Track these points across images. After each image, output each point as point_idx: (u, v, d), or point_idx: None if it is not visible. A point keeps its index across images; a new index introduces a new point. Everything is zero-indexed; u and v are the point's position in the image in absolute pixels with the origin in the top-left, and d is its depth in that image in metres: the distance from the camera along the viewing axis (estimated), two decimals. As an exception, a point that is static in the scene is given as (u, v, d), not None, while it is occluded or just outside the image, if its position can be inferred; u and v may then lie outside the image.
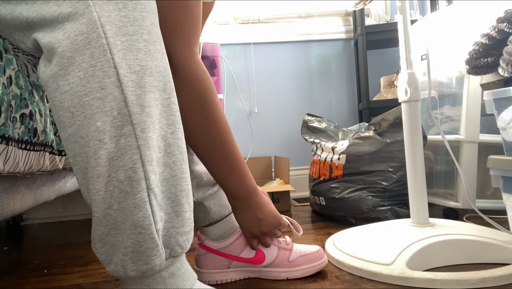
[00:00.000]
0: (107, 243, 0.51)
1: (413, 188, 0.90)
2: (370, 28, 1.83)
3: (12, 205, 0.66)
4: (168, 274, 0.54)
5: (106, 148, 0.48)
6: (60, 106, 0.49)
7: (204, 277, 0.79)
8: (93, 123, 0.47)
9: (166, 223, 0.53)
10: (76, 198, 1.70)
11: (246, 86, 1.96)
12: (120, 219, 0.50)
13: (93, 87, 0.47)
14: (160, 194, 0.51)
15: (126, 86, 0.48)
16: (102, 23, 0.47)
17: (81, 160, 0.49)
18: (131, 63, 0.48)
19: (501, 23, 0.81)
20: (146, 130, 0.49)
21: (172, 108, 0.53)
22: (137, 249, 0.50)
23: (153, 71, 0.51)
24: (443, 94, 1.29)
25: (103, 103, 0.47)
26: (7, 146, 0.56)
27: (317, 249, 0.82)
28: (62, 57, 0.47)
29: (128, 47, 0.48)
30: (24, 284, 0.88)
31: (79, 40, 0.46)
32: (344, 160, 1.27)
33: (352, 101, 2.04)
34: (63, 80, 0.48)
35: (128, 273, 0.51)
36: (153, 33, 0.51)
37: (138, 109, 0.49)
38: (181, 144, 0.54)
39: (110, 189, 0.49)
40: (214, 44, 1.60)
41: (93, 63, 0.47)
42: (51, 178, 0.87)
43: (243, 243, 0.79)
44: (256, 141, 1.96)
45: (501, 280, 0.70)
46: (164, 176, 0.52)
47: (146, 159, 0.49)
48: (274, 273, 0.79)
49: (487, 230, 0.86)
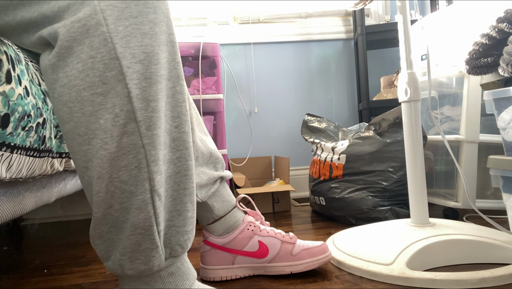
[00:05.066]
0: (107, 240, 0.50)
1: (413, 188, 0.90)
2: (370, 28, 1.83)
3: (12, 208, 0.66)
4: (167, 273, 0.53)
5: (107, 148, 0.45)
6: (59, 100, 0.46)
7: (209, 274, 0.80)
8: (94, 120, 0.44)
9: (168, 222, 0.51)
10: (76, 198, 1.70)
11: (246, 86, 1.96)
12: (122, 218, 0.48)
13: (93, 82, 0.44)
14: (164, 192, 0.49)
15: (130, 79, 0.44)
16: (102, 8, 0.43)
17: (79, 157, 0.47)
18: (135, 52, 0.44)
19: (501, 23, 0.81)
20: (151, 127, 0.46)
21: (178, 99, 0.49)
22: (136, 248, 0.49)
23: (160, 58, 0.46)
24: (443, 94, 1.29)
25: (105, 99, 0.44)
26: (11, 154, 0.56)
27: (321, 243, 0.82)
28: (60, 47, 0.44)
29: (132, 32, 0.44)
30: (24, 284, 0.88)
31: (76, 27, 0.43)
32: (344, 160, 1.27)
33: (352, 101, 2.04)
34: (62, 72, 0.45)
35: (125, 272, 0.50)
36: (159, 11, 0.46)
37: (143, 104, 0.45)
38: (186, 138, 0.51)
39: (111, 189, 0.46)
40: (214, 44, 1.60)
41: (93, 54, 0.43)
42: (50, 180, 0.87)
43: (246, 237, 0.79)
44: (256, 141, 1.96)
45: (501, 280, 0.70)
46: (168, 173, 0.50)
47: (151, 158, 0.46)
48: (278, 268, 0.79)
49: (487, 230, 0.86)
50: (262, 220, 0.84)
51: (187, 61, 1.61)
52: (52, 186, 0.87)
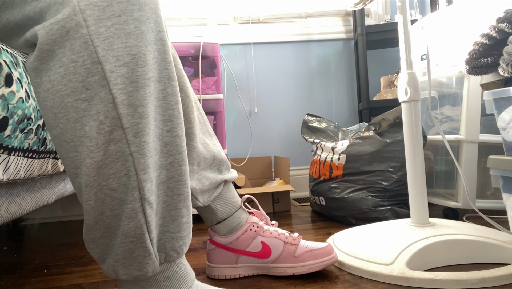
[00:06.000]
0: (101, 244, 0.49)
1: (413, 188, 0.90)
2: (370, 28, 1.83)
3: (12, 208, 0.66)
4: (163, 277, 0.52)
5: (93, 157, 0.43)
6: (44, 105, 0.44)
7: (214, 272, 0.82)
8: (79, 128, 0.42)
9: (162, 227, 0.49)
10: (76, 199, 1.70)
11: (246, 86, 1.96)
12: (114, 225, 0.47)
13: (75, 87, 0.41)
14: (155, 199, 0.47)
15: (114, 84, 0.41)
16: (82, 7, 0.40)
17: (68, 164, 0.45)
18: (119, 54, 0.41)
19: (501, 23, 0.81)
20: (139, 134, 0.43)
21: (169, 101, 0.46)
22: (128, 255, 0.47)
23: (147, 59, 0.43)
24: (443, 94, 1.29)
25: (89, 105, 0.42)
26: (9, 156, 0.56)
27: (325, 245, 0.81)
28: (40, 50, 0.41)
29: (115, 33, 0.41)
30: (24, 284, 0.88)
31: (55, 29, 0.40)
32: (344, 160, 1.27)
33: (352, 101, 2.04)
34: (45, 76, 0.42)
35: (119, 277, 0.49)
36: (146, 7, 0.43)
37: (130, 110, 0.42)
38: (180, 143, 0.48)
39: (101, 197, 0.45)
40: (214, 44, 1.60)
41: (74, 58, 0.40)
42: (51, 181, 0.87)
43: (249, 238, 0.80)
44: (256, 141, 1.96)
45: (501, 280, 0.70)
46: (160, 179, 0.48)
47: (140, 167, 0.44)
48: (281, 269, 0.80)
49: (487, 230, 0.86)
50: (267, 220, 0.84)
51: (187, 61, 1.61)
52: (52, 186, 0.87)
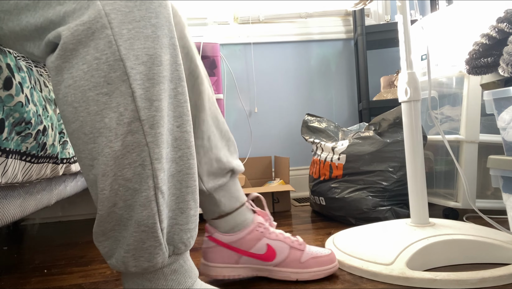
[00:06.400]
0: (110, 237, 0.51)
1: (413, 188, 0.90)
2: (370, 28, 1.83)
3: (13, 210, 0.66)
4: (170, 270, 0.54)
5: (112, 146, 0.46)
6: (64, 101, 0.47)
7: (212, 271, 0.77)
8: (99, 120, 0.46)
9: (171, 220, 0.52)
10: (76, 199, 1.70)
11: (246, 86, 1.96)
12: (126, 216, 0.49)
13: (98, 82, 0.45)
14: (166, 190, 0.50)
15: (134, 79, 0.46)
16: (107, 11, 0.44)
17: (85, 156, 0.48)
18: (138, 54, 0.46)
19: (501, 23, 0.81)
20: (155, 126, 0.47)
21: (179, 100, 0.51)
22: (139, 246, 0.49)
23: (163, 60, 0.48)
24: (443, 94, 1.29)
25: (110, 99, 0.46)
26: (7, 158, 0.56)
27: (329, 252, 0.80)
28: (64, 49, 0.45)
29: (136, 35, 0.46)
30: (24, 284, 0.88)
31: (81, 30, 0.44)
32: (344, 160, 1.27)
33: (352, 101, 2.04)
34: (67, 73, 0.46)
35: (129, 269, 0.51)
36: (161, 15, 0.48)
37: (147, 104, 0.46)
38: (188, 138, 0.52)
39: (115, 187, 0.47)
40: (214, 44, 1.60)
41: (98, 55, 0.45)
42: (51, 183, 0.87)
43: (255, 238, 0.76)
44: (256, 141, 1.96)
45: (501, 280, 0.70)
46: (170, 172, 0.51)
47: (155, 156, 0.47)
48: (284, 273, 0.77)
49: (487, 230, 0.86)
50: (271, 220, 0.81)
51: (187, 61, 1.61)
52: (52, 189, 0.87)
